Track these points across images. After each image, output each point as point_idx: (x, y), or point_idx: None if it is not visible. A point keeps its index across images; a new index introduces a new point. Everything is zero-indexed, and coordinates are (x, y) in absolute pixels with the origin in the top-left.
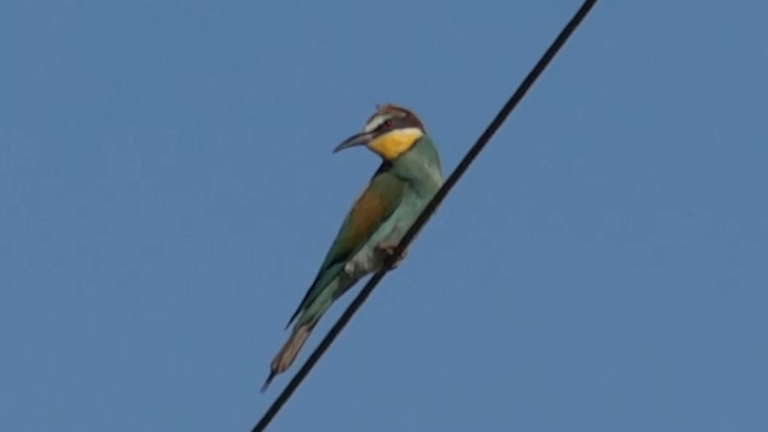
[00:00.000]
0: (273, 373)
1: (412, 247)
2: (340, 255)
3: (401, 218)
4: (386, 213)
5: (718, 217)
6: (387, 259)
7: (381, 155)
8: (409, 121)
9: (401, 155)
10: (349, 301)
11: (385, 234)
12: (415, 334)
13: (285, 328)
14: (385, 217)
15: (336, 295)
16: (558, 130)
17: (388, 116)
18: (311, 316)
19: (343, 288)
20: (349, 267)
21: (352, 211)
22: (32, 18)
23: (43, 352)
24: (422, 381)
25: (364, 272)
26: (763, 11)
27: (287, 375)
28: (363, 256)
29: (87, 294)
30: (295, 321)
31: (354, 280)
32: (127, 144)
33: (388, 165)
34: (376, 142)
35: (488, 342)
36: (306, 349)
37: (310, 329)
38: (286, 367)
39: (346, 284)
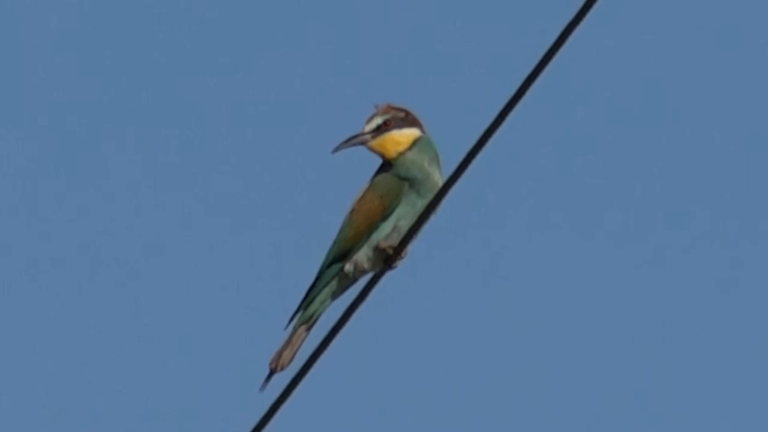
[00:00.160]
0: (272, 373)
1: (411, 247)
2: (339, 255)
3: (401, 218)
4: (386, 213)
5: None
6: (387, 259)
7: (380, 155)
8: (408, 120)
9: (401, 155)
10: (349, 300)
11: (385, 234)
12: (414, 334)
13: (284, 327)
14: (384, 217)
15: (335, 295)
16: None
17: (387, 116)
18: (310, 316)
19: (342, 288)
20: (348, 267)
21: (351, 211)
22: (32, 18)
23: (43, 352)
24: (422, 381)
25: (363, 272)
26: (763, 11)
27: (286, 374)
28: (363, 255)
29: (87, 294)
30: (295, 320)
31: (353, 280)
32: (127, 144)
33: (387, 165)
34: (376, 143)
35: (488, 342)
36: (305, 348)
37: (309, 329)
38: (285, 367)
39: (345, 284)
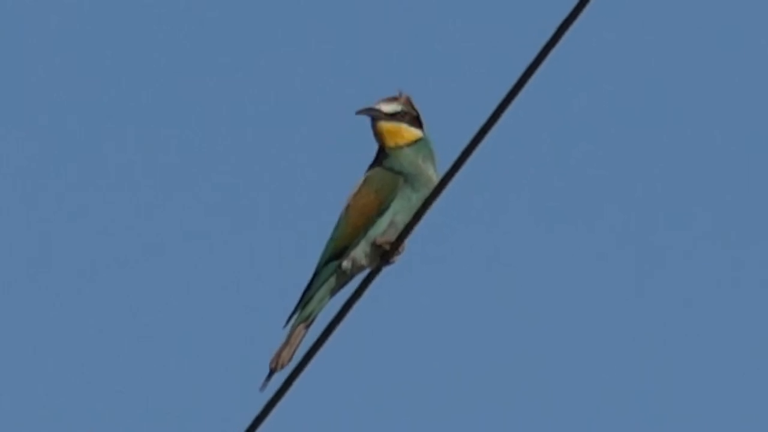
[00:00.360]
0: (272, 372)
1: (408, 242)
2: (336, 252)
3: (397, 212)
4: (382, 207)
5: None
6: (384, 255)
7: (380, 140)
8: (418, 121)
9: (398, 148)
10: (346, 297)
11: (382, 229)
12: (412, 330)
13: (283, 326)
14: (381, 212)
15: (333, 292)
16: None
17: (405, 108)
18: (308, 314)
19: (340, 285)
20: (345, 263)
21: (347, 207)
22: (32, 18)
23: (43, 352)
24: (420, 377)
25: (361, 268)
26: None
27: (284, 371)
28: (360, 252)
29: (87, 294)
30: (293, 319)
31: (351, 277)
32: (127, 144)
33: (381, 157)
34: (385, 125)
35: (485, 337)
36: (303, 345)
37: (307, 327)
38: (285, 365)
39: (343, 281)
